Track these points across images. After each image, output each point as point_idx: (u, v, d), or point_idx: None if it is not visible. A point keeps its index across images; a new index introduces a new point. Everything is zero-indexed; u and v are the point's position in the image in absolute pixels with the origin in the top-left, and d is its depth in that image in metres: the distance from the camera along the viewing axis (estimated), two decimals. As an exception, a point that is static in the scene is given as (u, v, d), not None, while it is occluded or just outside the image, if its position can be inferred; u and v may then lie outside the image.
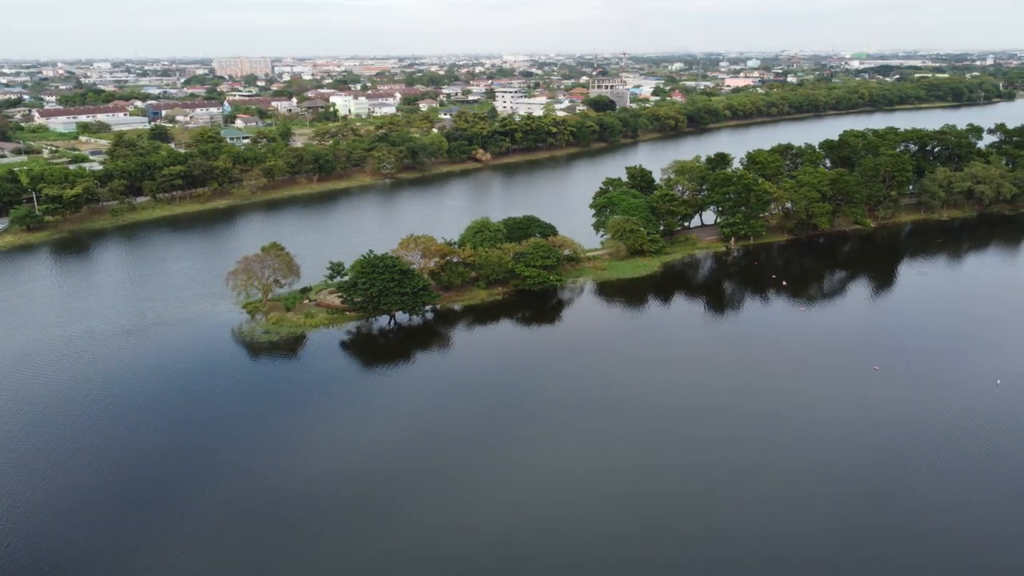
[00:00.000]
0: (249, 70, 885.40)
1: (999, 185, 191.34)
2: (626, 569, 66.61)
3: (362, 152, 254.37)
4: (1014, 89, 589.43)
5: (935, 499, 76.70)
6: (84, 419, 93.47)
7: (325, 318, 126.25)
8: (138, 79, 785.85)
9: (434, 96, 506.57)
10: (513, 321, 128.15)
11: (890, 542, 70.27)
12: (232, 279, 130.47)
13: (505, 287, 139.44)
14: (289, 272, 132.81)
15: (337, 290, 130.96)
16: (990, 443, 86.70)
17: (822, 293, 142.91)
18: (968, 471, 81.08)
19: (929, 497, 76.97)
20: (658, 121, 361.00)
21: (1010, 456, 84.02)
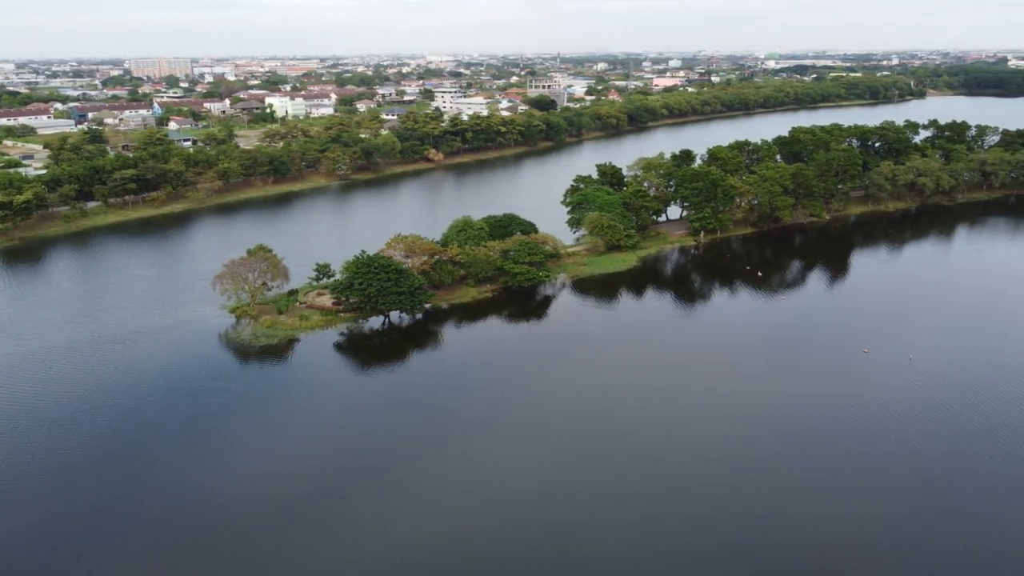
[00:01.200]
0: (168, 71, 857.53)
1: (938, 178, 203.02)
2: (578, 560, 68.43)
3: (316, 153, 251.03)
4: (924, 87, 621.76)
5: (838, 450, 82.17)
6: (94, 430, 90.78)
7: (320, 320, 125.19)
8: (48, 80, 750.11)
9: (370, 97, 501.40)
10: (507, 319, 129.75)
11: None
12: (220, 283, 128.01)
13: (494, 284, 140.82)
14: (278, 275, 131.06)
15: (331, 291, 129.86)
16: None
17: (796, 281, 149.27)
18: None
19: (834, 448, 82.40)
20: (600, 120, 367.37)
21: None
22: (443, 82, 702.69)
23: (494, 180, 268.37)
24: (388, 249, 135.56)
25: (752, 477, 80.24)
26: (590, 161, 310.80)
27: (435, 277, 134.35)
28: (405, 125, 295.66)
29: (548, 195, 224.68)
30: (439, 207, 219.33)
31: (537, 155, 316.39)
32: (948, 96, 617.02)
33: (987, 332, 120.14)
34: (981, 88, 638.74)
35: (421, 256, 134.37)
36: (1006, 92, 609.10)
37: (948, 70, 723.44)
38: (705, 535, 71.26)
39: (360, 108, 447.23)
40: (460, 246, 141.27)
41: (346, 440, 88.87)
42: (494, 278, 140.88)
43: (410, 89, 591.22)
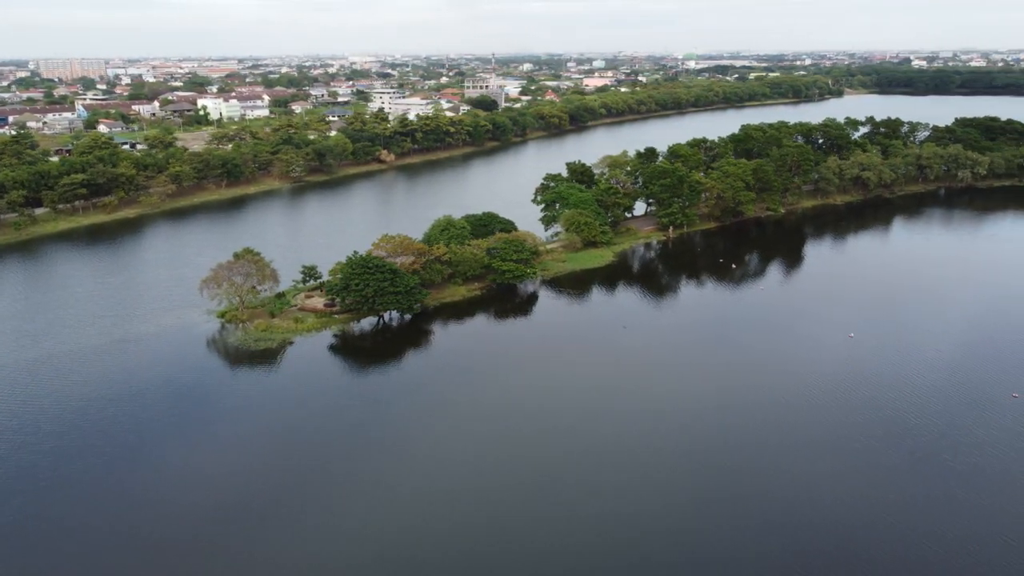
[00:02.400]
0: (80, 72, 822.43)
1: (880, 172, 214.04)
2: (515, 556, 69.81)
3: (267, 155, 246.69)
4: (841, 87, 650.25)
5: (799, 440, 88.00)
6: (109, 437, 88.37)
7: (316, 322, 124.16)
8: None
9: (304, 98, 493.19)
10: (500, 316, 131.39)
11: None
12: (209, 288, 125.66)
13: (481, 282, 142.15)
14: (265, 278, 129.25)
15: (326, 293, 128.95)
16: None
17: (771, 272, 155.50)
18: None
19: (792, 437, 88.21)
20: (543, 120, 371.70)
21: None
22: (373, 83, 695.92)
23: (449, 180, 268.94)
24: (375, 249, 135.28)
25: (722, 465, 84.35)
26: (538, 160, 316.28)
27: (425, 276, 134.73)
28: (353, 126, 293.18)
29: (508, 194, 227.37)
30: (403, 208, 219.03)
31: (485, 155, 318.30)
32: (863, 95, 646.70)
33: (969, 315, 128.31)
34: (892, 87, 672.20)
35: (409, 256, 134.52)
36: (915, 91, 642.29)
37: (861, 70, 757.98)
38: (677, 523, 74.05)
39: (296, 109, 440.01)
40: (446, 245, 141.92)
41: (371, 442, 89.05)
42: (481, 276, 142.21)
43: (342, 90, 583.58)
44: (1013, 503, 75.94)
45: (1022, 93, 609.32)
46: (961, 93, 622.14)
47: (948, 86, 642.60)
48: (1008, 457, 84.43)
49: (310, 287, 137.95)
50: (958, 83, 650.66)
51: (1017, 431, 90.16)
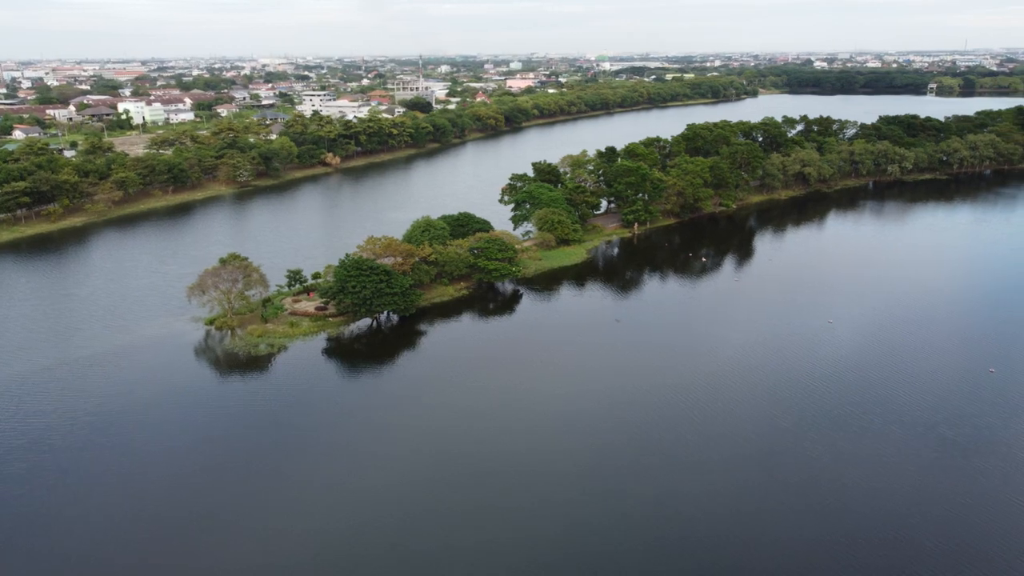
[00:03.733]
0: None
1: (820, 167, 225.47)
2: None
3: (212, 160, 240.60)
4: (755, 87, 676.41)
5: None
6: (124, 455, 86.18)
7: (312, 326, 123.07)
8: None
9: (228, 101, 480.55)
10: (492, 315, 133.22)
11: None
12: (198, 294, 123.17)
13: (467, 281, 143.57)
14: (252, 283, 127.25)
15: (320, 296, 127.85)
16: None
17: (739, 263, 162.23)
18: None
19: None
20: (479, 121, 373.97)
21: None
22: (292, 85, 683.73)
23: (399, 182, 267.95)
24: (361, 251, 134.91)
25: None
26: (482, 161, 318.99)
27: (414, 277, 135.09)
28: (294, 129, 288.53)
29: (464, 193, 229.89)
30: (360, 210, 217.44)
31: (427, 156, 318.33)
32: (775, 94, 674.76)
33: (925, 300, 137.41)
34: (802, 87, 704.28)
35: (396, 257, 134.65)
36: (823, 91, 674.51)
37: (771, 71, 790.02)
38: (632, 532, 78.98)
39: (222, 113, 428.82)
40: (430, 245, 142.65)
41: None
42: (466, 275, 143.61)
43: (263, 93, 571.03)
44: (1014, 467, 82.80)
45: (919, 92, 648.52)
46: (864, 92, 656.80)
47: (853, 86, 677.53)
48: (997, 425, 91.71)
49: (296, 291, 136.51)
50: (862, 83, 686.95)
51: (996, 402, 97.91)
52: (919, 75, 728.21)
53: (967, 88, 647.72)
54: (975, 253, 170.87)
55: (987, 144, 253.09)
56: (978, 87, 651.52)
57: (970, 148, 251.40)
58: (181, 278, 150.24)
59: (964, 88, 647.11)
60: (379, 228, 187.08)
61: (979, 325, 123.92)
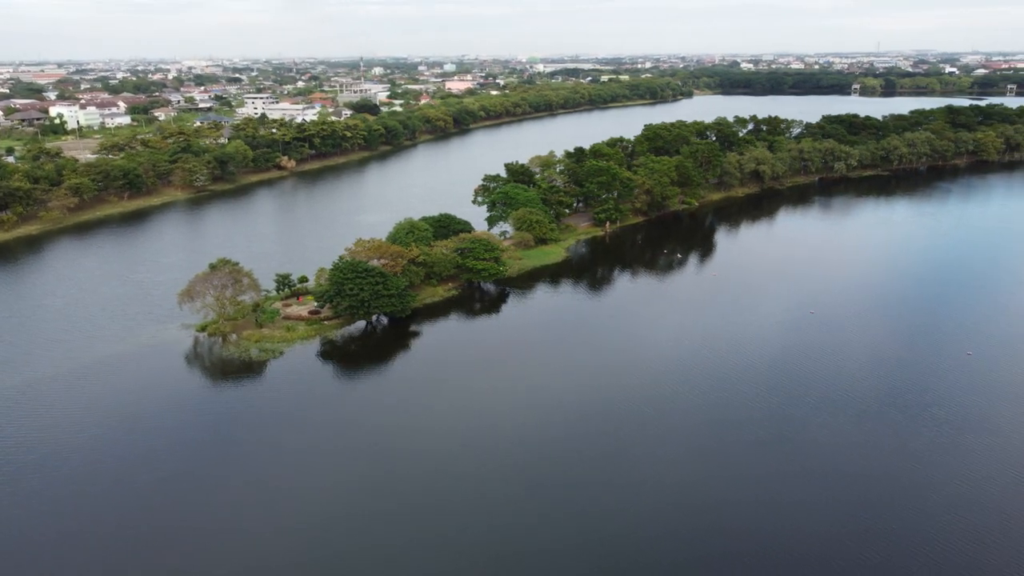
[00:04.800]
0: None
1: (774, 165, 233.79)
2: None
3: (167, 165, 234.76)
4: (690, 88, 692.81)
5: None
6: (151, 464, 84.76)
7: (308, 330, 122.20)
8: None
9: (164, 104, 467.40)
10: (482, 315, 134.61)
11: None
12: (187, 300, 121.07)
13: (454, 282, 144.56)
14: (246, 288, 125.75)
15: (315, 299, 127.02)
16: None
17: (713, 258, 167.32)
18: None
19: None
20: (429, 123, 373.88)
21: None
22: (226, 88, 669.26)
23: (359, 184, 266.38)
24: (350, 254, 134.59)
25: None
26: (438, 162, 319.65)
27: (405, 279, 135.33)
28: (245, 132, 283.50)
29: (429, 195, 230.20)
30: (325, 213, 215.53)
31: (380, 158, 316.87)
32: (709, 95, 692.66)
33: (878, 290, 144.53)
34: (734, 88, 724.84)
35: (386, 259, 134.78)
36: (753, 91, 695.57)
37: (704, 72, 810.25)
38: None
39: (160, 116, 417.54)
40: (416, 246, 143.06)
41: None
42: (454, 276, 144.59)
43: (198, 96, 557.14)
44: (1001, 442, 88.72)
45: (844, 92, 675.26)
46: (793, 93, 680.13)
47: (781, 86, 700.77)
48: (983, 404, 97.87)
49: (284, 295, 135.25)
50: (790, 83, 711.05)
51: (977, 382, 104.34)
52: (843, 76, 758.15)
53: (888, 88, 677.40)
54: (932, 244, 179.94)
55: (924, 141, 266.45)
56: (898, 87, 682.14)
57: (908, 145, 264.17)
58: (157, 285, 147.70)
59: (885, 88, 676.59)
60: (351, 231, 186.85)
61: (949, 311, 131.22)
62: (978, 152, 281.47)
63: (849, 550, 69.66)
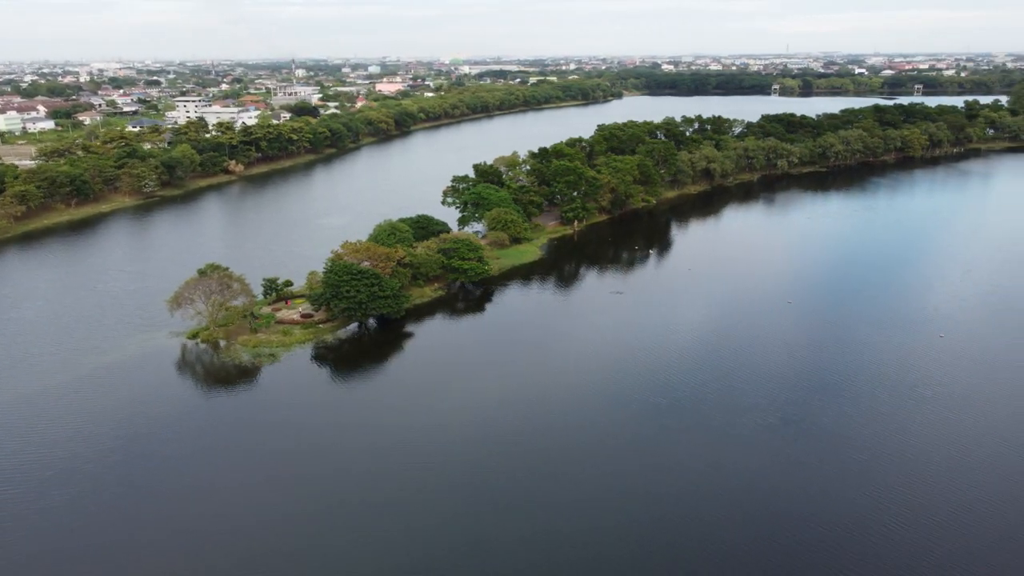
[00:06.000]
0: None
1: (723, 163, 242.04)
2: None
3: (113, 170, 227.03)
4: (619, 89, 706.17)
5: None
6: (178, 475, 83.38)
7: (304, 333, 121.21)
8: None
9: (88, 108, 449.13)
10: (472, 314, 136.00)
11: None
12: (175, 307, 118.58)
13: (440, 282, 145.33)
14: (237, 293, 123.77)
15: (310, 302, 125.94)
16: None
17: (685, 253, 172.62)
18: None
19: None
20: (371, 125, 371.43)
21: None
22: (147, 91, 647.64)
23: (311, 187, 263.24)
24: (339, 256, 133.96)
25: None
26: (386, 163, 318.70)
27: (396, 280, 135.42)
28: (188, 136, 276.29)
29: (388, 197, 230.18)
30: (284, 217, 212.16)
31: (326, 161, 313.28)
32: (638, 96, 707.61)
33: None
34: (660, 89, 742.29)
35: (374, 261, 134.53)
36: (679, 92, 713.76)
37: (631, 73, 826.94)
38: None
39: (85, 121, 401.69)
40: (401, 248, 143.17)
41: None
42: (439, 276, 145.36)
43: (120, 99, 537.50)
44: (978, 416, 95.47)
45: (765, 92, 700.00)
46: (716, 93, 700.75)
47: (706, 87, 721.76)
48: (960, 382, 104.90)
49: (270, 300, 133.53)
50: (714, 84, 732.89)
51: (951, 362, 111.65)
52: (763, 77, 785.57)
53: (805, 88, 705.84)
54: (881, 235, 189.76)
55: (857, 139, 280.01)
56: (815, 87, 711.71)
57: (844, 143, 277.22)
58: (130, 294, 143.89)
59: (803, 88, 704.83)
60: (318, 235, 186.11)
61: (917, 296, 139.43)
62: (905, 148, 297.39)
63: (865, 523, 74.29)
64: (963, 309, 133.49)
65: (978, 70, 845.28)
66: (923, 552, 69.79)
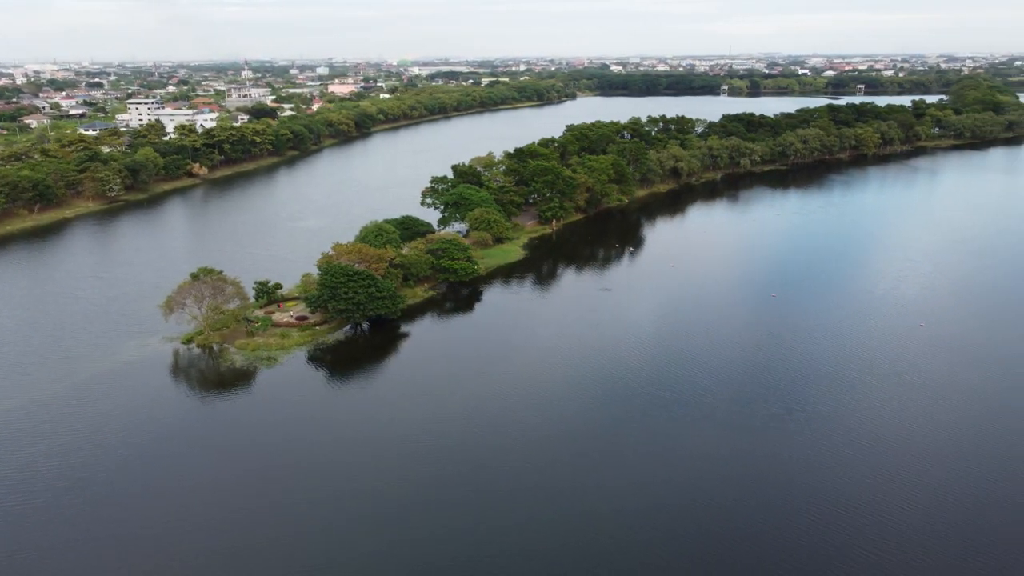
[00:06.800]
0: None
1: (690, 162, 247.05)
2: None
3: (75, 174, 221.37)
4: (572, 90, 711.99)
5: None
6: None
7: (301, 336, 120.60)
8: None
9: (31, 111, 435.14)
10: (466, 312, 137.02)
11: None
12: (170, 311, 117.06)
13: (430, 282, 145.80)
14: (231, 296, 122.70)
15: (307, 303, 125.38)
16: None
17: (665, 249, 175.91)
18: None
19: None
20: (332, 127, 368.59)
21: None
22: (91, 93, 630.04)
23: (280, 190, 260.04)
24: (330, 258, 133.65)
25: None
26: (350, 165, 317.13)
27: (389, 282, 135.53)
28: (148, 139, 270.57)
29: (360, 199, 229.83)
30: (266, 221, 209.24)
31: (289, 164, 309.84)
32: (591, 96, 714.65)
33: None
34: (612, 89, 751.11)
35: (366, 262, 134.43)
36: (631, 92, 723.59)
37: (582, 74, 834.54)
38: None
39: (31, 124, 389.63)
40: (390, 248, 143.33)
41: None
42: (429, 277, 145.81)
43: (65, 102, 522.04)
44: (958, 402, 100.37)
45: (714, 92, 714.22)
46: (667, 94, 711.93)
47: (657, 88, 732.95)
48: (942, 369, 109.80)
49: (262, 303, 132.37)
50: (665, 85, 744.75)
51: (931, 351, 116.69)
52: (712, 78, 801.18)
53: (753, 89, 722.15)
54: (851, 229, 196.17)
55: (815, 138, 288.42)
56: (762, 87, 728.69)
57: (802, 141, 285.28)
58: (112, 300, 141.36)
59: (751, 89, 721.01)
60: (295, 238, 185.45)
61: (892, 287, 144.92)
62: (859, 146, 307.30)
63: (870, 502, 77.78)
64: (938, 298, 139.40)
65: (915, 70, 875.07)
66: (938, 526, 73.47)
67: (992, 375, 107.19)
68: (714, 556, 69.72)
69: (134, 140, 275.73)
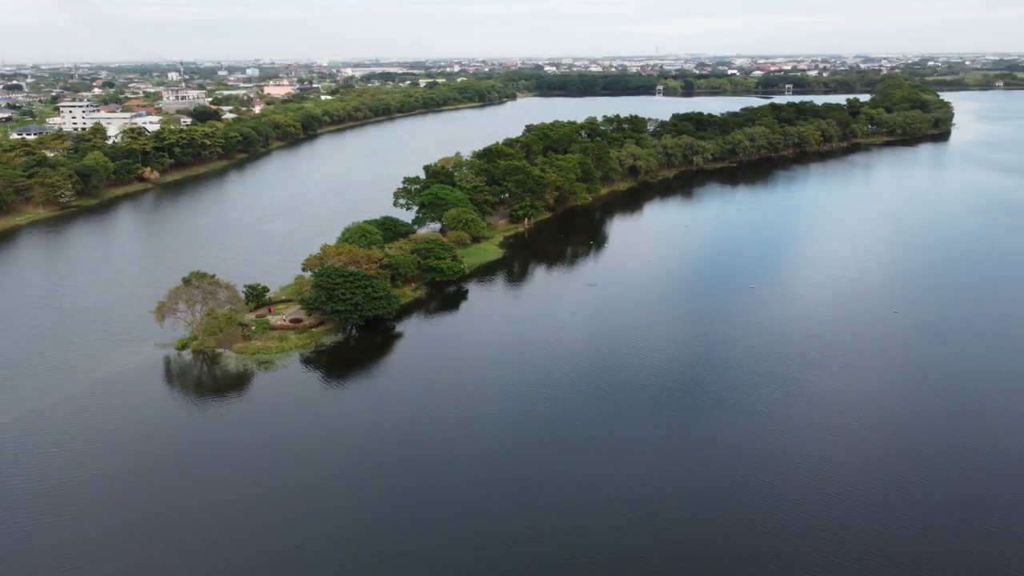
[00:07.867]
0: None
1: (648, 161, 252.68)
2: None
3: (24, 180, 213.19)
4: (512, 91, 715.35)
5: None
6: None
7: (299, 338, 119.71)
8: None
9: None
10: (453, 312, 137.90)
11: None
12: (166, 316, 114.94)
13: (416, 282, 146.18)
14: (225, 301, 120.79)
15: (304, 306, 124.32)
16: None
17: (637, 245, 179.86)
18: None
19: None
20: (279, 129, 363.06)
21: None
22: (12, 95, 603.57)
23: (233, 193, 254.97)
24: (316, 261, 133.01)
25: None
26: (303, 167, 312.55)
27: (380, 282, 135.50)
28: (92, 142, 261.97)
29: (322, 200, 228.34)
30: (231, 225, 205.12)
31: (239, 166, 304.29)
32: (530, 97, 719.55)
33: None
34: (551, 90, 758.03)
35: (355, 263, 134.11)
36: (569, 92, 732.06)
37: (520, 75, 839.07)
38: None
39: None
40: (376, 249, 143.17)
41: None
42: (415, 277, 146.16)
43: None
44: (932, 380, 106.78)
45: (650, 92, 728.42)
46: (604, 94, 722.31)
47: (594, 88, 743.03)
48: (920, 353, 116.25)
49: (251, 307, 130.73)
50: (602, 85, 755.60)
51: (907, 335, 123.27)
52: (648, 78, 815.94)
53: (687, 89, 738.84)
54: (809, 222, 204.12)
55: (762, 135, 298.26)
56: (696, 87, 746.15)
57: (750, 139, 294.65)
58: (91, 309, 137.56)
59: (685, 89, 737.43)
60: (264, 242, 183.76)
61: (867, 276, 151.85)
62: (801, 144, 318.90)
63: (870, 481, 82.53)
64: (908, 287, 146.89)
65: (837, 70, 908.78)
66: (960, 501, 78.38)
67: (968, 353, 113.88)
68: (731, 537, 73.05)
69: (78, 145, 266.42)
